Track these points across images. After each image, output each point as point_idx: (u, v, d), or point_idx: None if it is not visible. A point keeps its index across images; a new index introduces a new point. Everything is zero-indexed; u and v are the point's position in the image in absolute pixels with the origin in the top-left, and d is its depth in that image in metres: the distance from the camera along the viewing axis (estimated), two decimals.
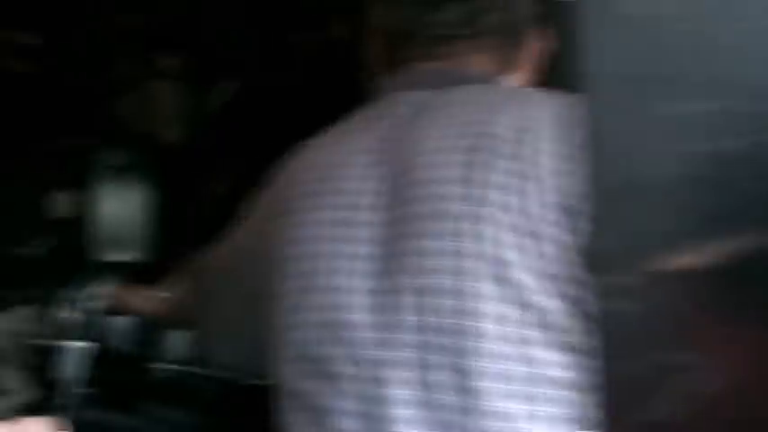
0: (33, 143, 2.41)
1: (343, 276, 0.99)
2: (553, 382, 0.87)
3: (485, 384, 0.89)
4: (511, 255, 0.89)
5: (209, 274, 1.34)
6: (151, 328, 1.75)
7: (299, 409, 1.02)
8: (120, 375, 1.77)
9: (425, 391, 0.92)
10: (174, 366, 1.81)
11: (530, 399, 0.88)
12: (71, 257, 2.22)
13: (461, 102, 1.05)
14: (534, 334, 0.88)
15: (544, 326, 0.88)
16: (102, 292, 2.17)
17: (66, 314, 2.18)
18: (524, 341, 0.88)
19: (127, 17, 2.29)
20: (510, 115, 0.99)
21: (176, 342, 1.93)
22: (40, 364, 1.81)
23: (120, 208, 2.19)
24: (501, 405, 0.88)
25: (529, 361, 0.88)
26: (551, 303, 0.88)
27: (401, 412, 0.92)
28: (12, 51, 2.47)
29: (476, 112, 1.01)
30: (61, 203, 2.25)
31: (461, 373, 0.90)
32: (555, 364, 0.87)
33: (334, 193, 1.05)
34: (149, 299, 1.66)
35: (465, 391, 0.90)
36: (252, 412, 1.68)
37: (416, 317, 0.94)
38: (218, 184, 2.19)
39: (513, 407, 0.87)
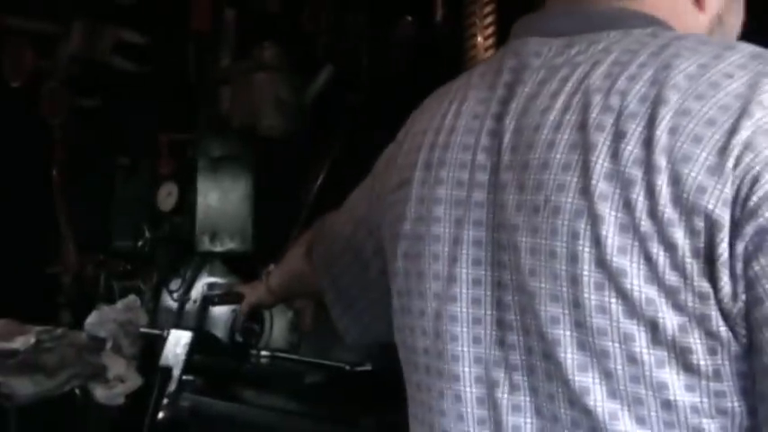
0: (138, 140, 2.46)
1: (447, 262, 0.90)
2: (669, 405, 0.77)
3: (590, 402, 0.79)
4: (626, 262, 0.77)
5: (328, 243, 1.28)
6: (252, 317, 1.75)
7: (413, 400, 0.96)
8: (220, 363, 1.78)
9: (535, 398, 0.84)
10: (274, 354, 1.81)
11: (641, 421, 0.78)
12: (175, 249, 2.26)
13: (590, 59, 0.85)
14: (645, 351, 0.77)
15: (656, 342, 0.76)
16: (204, 282, 2.20)
17: (170, 304, 2.22)
18: (632, 359, 0.77)
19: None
20: (644, 80, 0.80)
21: (277, 331, 1.93)
22: (145, 352, 1.83)
23: (222, 199, 2.21)
24: (610, 427, 0.79)
25: (637, 379, 0.78)
26: (667, 317, 0.76)
27: (512, 419, 0.85)
28: (119, 50, 2.53)
29: (603, 77, 0.83)
30: (165, 197, 2.29)
31: (567, 385, 0.80)
32: (670, 386, 0.77)
33: (446, 167, 0.93)
34: (256, 288, 1.64)
35: (574, 405, 0.81)
36: (358, 398, 1.65)
37: (520, 317, 0.85)
38: (318, 174, 2.18)
39: (622, 429, 0.78)
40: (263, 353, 1.82)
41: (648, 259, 0.76)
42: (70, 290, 2.52)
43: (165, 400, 1.67)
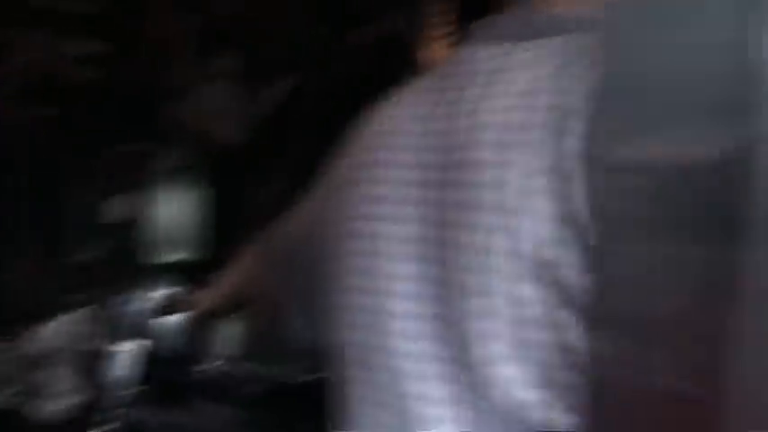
0: (91, 150, 2.44)
1: (385, 259, 0.93)
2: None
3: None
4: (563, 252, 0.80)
5: (281, 247, 1.31)
6: (201, 327, 1.73)
7: (358, 381, 0.98)
8: (170, 374, 1.75)
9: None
10: (223, 364, 1.79)
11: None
12: (125, 260, 2.24)
13: (536, 62, 0.89)
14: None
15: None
16: (153, 294, 2.16)
17: (118, 316, 2.18)
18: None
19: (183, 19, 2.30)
20: (587, 79, 0.83)
21: (226, 339, 1.91)
22: (92, 365, 1.81)
23: (175, 209, 2.19)
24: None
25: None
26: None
27: (432, 411, 0.87)
28: (74, 60, 2.51)
29: (547, 78, 0.86)
30: (116, 207, 2.27)
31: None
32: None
33: (391, 167, 0.96)
34: (207, 295, 1.63)
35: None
36: (302, 409, 1.64)
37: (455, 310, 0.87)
38: (273, 184, 2.17)
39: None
40: (213, 363, 1.80)
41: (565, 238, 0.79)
42: (18, 302, 2.48)
43: (113, 414, 1.65)
